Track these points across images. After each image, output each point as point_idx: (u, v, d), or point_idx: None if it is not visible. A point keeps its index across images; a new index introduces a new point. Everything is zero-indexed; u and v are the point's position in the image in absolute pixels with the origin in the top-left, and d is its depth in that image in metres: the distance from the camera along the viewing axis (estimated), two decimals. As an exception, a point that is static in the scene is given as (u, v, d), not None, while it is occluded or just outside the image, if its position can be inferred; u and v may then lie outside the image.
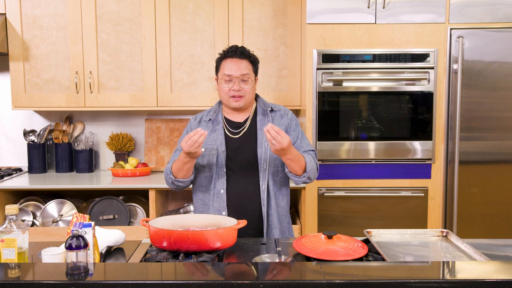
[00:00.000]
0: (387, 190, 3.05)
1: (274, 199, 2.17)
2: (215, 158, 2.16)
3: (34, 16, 3.27)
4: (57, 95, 3.31)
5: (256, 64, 2.21)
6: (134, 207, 3.23)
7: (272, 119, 2.20)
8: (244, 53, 2.16)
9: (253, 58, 2.19)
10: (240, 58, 2.14)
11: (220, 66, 2.18)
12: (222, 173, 2.15)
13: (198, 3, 3.27)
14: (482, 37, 2.96)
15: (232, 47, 2.18)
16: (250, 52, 2.19)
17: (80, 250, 1.43)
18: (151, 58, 3.28)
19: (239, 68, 2.13)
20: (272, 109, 2.23)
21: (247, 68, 2.15)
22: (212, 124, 2.22)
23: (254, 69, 2.19)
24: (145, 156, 3.59)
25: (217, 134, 2.19)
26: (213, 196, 2.17)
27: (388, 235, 1.93)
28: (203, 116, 2.26)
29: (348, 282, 1.36)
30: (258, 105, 2.25)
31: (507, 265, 1.52)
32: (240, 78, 2.12)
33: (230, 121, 2.21)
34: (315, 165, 2.15)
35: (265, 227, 2.15)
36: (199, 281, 1.36)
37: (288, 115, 2.24)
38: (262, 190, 2.14)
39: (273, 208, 2.17)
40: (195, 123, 2.25)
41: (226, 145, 2.17)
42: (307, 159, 2.09)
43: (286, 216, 2.23)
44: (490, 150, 3.04)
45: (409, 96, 3.01)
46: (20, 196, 3.31)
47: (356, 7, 2.96)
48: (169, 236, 1.65)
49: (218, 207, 2.15)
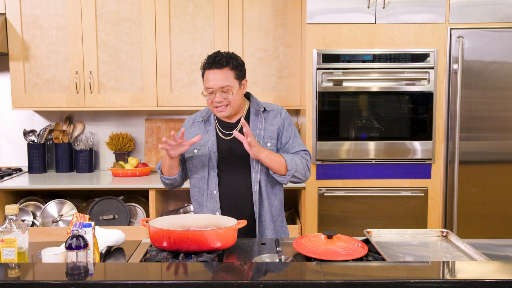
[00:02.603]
0: (387, 190, 3.05)
1: (267, 199, 2.17)
2: (207, 159, 2.17)
3: (34, 16, 3.27)
4: (57, 95, 3.31)
5: (239, 68, 2.11)
6: (134, 207, 3.23)
7: (264, 119, 2.19)
8: (221, 63, 2.07)
9: (233, 64, 2.09)
10: (218, 68, 2.08)
11: (203, 77, 2.14)
12: (214, 174, 2.16)
13: (198, 3, 3.27)
14: (482, 37, 2.96)
15: (211, 56, 2.12)
16: (230, 59, 2.09)
17: (80, 250, 1.43)
18: (151, 58, 3.28)
19: (218, 79, 2.07)
20: (265, 109, 2.21)
21: (227, 79, 2.07)
22: (204, 125, 2.22)
23: (238, 74, 2.10)
24: (145, 156, 3.59)
25: (209, 135, 2.19)
26: (206, 197, 2.18)
27: (388, 235, 1.93)
28: (196, 117, 2.26)
29: (348, 282, 1.36)
30: (251, 105, 2.23)
31: (507, 265, 1.52)
32: (220, 90, 2.08)
33: (223, 122, 2.20)
34: (303, 165, 2.13)
35: (257, 227, 2.16)
36: (199, 281, 1.36)
37: (282, 115, 2.21)
38: (254, 191, 2.14)
39: (265, 208, 2.17)
40: (188, 124, 2.26)
41: (218, 146, 2.17)
42: (287, 158, 2.08)
43: (279, 215, 2.23)
44: (490, 150, 3.04)
45: (409, 96, 3.01)
46: (20, 196, 3.31)
47: (356, 7, 2.96)
48: (169, 236, 1.65)
49: (212, 207, 2.16)
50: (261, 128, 2.17)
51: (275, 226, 2.20)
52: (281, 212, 2.25)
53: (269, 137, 2.17)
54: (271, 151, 2.09)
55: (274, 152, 2.11)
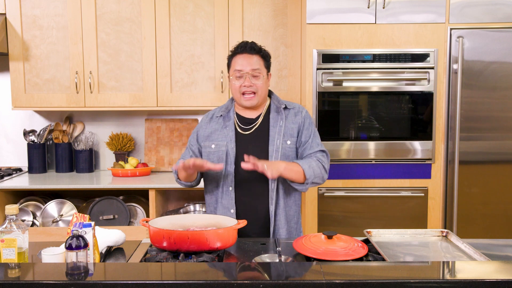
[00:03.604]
0: (387, 190, 3.05)
1: (283, 198, 2.14)
2: (225, 154, 2.14)
3: (34, 16, 3.27)
4: (57, 95, 3.31)
5: (267, 59, 2.17)
6: (134, 207, 3.23)
7: (285, 117, 2.17)
8: (254, 48, 2.12)
9: (264, 53, 2.16)
10: (250, 53, 2.12)
11: (231, 63, 2.16)
12: (231, 170, 2.13)
13: (198, 3, 3.27)
14: (482, 37, 2.96)
15: (242, 42, 2.16)
16: (261, 47, 2.16)
17: (80, 250, 1.43)
18: (151, 58, 3.28)
19: (249, 63, 2.10)
20: (286, 106, 2.19)
21: (258, 63, 2.12)
22: (223, 120, 2.19)
23: (266, 64, 2.16)
24: (145, 156, 3.59)
25: (227, 130, 2.16)
26: (222, 193, 2.15)
27: (388, 235, 1.93)
28: (215, 113, 2.24)
29: (348, 282, 1.36)
30: (272, 102, 2.21)
31: (507, 265, 1.52)
32: (251, 73, 2.09)
33: (242, 117, 2.19)
34: (319, 169, 2.09)
35: (272, 226, 2.13)
36: (199, 281, 1.36)
37: (302, 113, 2.19)
38: (271, 188, 2.12)
39: (281, 207, 2.14)
40: (206, 120, 2.24)
41: (236, 142, 2.15)
42: (304, 165, 2.05)
43: (294, 216, 2.20)
44: (490, 150, 3.04)
45: (409, 96, 3.01)
46: (20, 196, 3.31)
47: (356, 7, 2.96)
48: (169, 236, 1.65)
49: (227, 204, 2.14)
50: (281, 125, 2.15)
51: (289, 227, 2.17)
52: (296, 213, 2.21)
53: (289, 135, 2.14)
54: (288, 162, 2.05)
55: (290, 162, 2.07)
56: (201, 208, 3.37)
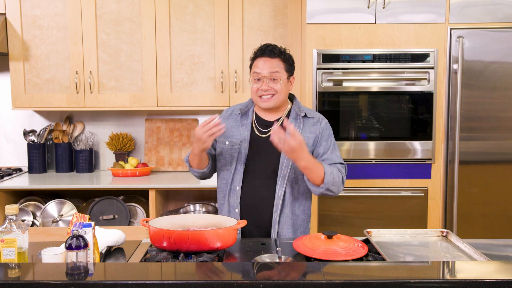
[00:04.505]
0: (387, 190, 3.05)
1: (290, 207, 2.11)
2: (237, 152, 2.12)
3: (34, 16, 3.27)
4: (57, 95, 3.31)
5: (290, 62, 2.12)
6: (134, 207, 3.23)
7: (303, 125, 2.13)
8: (274, 52, 2.08)
9: (286, 57, 2.11)
10: (270, 56, 2.08)
11: (252, 65, 2.13)
12: (240, 170, 2.12)
13: (198, 3, 3.27)
14: (482, 37, 2.96)
15: (263, 46, 2.12)
16: (283, 51, 2.11)
17: (80, 250, 1.43)
18: (151, 58, 3.28)
19: (268, 66, 2.07)
20: (305, 114, 2.14)
21: (278, 67, 2.07)
22: (241, 118, 2.18)
23: (288, 68, 2.11)
24: (145, 156, 3.59)
25: (243, 129, 2.14)
26: (229, 191, 2.14)
27: (388, 235, 1.93)
28: (234, 109, 2.22)
29: (348, 282, 1.36)
30: (293, 108, 2.17)
31: (507, 265, 1.52)
32: (269, 76, 2.06)
33: (261, 118, 2.16)
34: (339, 179, 2.03)
35: (275, 233, 2.10)
36: (199, 281, 1.36)
37: (321, 124, 2.14)
38: (277, 196, 2.09)
39: (286, 215, 2.10)
40: (226, 115, 2.21)
41: (250, 142, 2.13)
42: (327, 170, 1.99)
43: (301, 225, 2.15)
44: (490, 150, 3.04)
45: (409, 96, 3.01)
46: (20, 196, 3.31)
47: (356, 7, 2.96)
48: (169, 236, 1.65)
49: (233, 202, 2.13)
50: None
51: (295, 236, 2.11)
52: (304, 222, 2.17)
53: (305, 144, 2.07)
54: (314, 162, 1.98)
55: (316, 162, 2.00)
56: (201, 208, 3.37)
